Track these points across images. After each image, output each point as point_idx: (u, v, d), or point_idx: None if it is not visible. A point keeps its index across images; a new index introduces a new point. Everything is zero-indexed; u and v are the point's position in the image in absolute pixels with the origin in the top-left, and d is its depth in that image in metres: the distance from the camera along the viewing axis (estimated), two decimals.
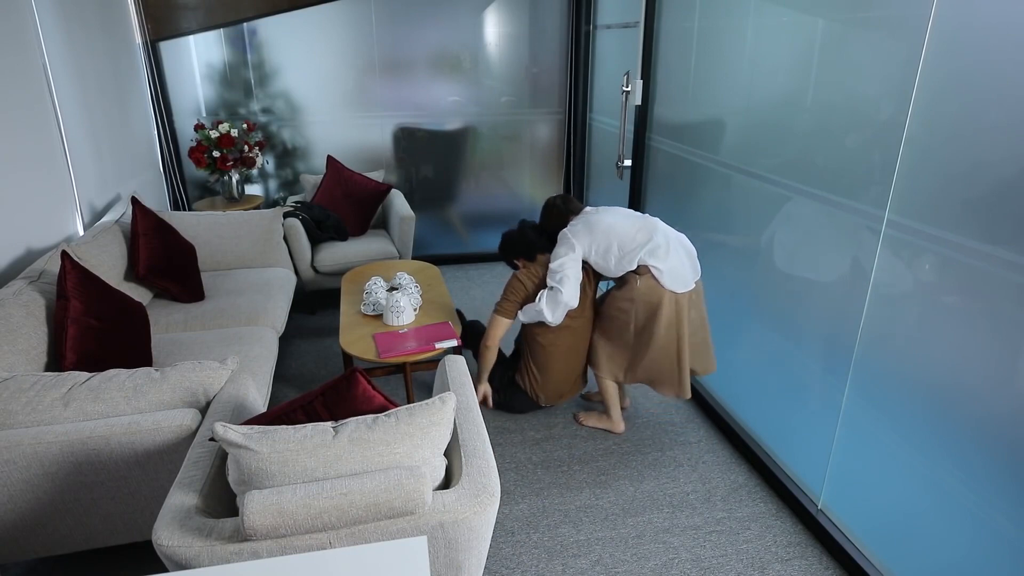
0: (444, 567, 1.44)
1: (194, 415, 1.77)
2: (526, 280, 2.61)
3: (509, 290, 2.62)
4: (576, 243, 2.50)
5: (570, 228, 2.57)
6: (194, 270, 2.99)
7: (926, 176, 1.66)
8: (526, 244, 2.67)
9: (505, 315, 2.60)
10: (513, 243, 2.69)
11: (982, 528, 1.58)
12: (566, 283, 2.47)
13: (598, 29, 4.15)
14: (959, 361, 1.61)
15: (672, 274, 2.40)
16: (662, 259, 2.41)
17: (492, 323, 2.63)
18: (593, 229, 2.51)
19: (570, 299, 2.48)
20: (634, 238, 2.46)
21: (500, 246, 2.73)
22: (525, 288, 2.61)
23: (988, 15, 1.48)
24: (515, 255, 2.69)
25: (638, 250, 2.43)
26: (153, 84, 3.93)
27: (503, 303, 2.61)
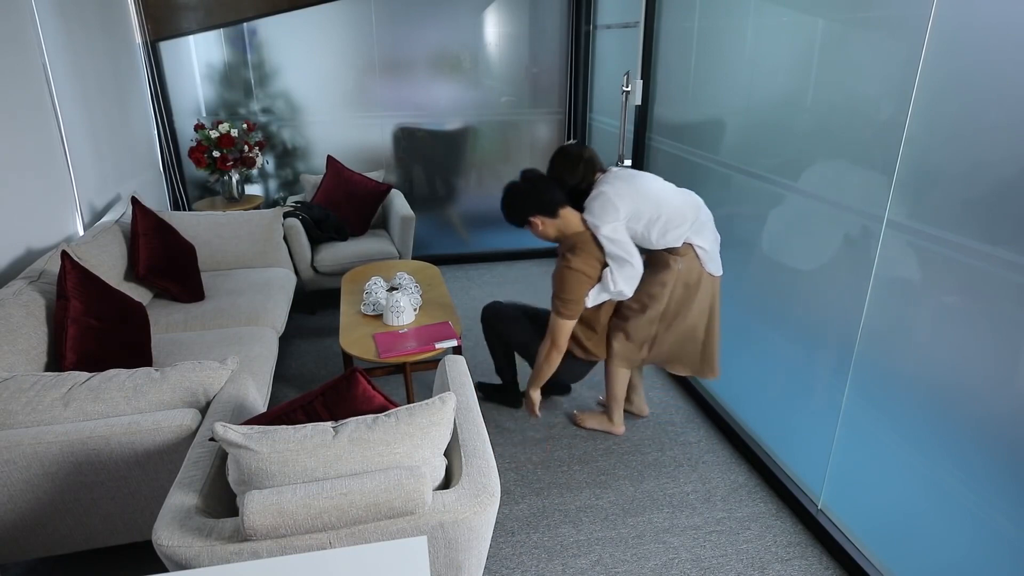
0: (444, 567, 1.44)
1: (194, 415, 1.77)
2: (587, 268, 2.22)
3: (569, 285, 2.22)
4: (620, 206, 2.20)
5: (611, 187, 2.24)
6: (194, 270, 2.99)
7: (926, 176, 1.66)
8: (546, 196, 2.26)
9: (572, 317, 2.27)
10: (527, 196, 2.28)
11: (982, 528, 1.58)
12: (632, 249, 2.20)
13: (598, 29, 4.15)
14: (959, 361, 1.61)
15: (712, 256, 2.28)
16: (707, 239, 2.26)
17: (558, 329, 2.29)
18: (640, 192, 2.22)
19: (641, 266, 2.24)
20: (683, 212, 2.24)
21: (508, 202, 2.32)
22: (590, 279, 2.24)
23: (988, 15, 1.48)
24: (531, 211, 2.28)
25: (685, 226, 2.23)
26: (153, 84, 3.93)
27: (567, 304, 2.24)
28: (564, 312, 2.25)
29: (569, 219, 2.28)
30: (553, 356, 2.35)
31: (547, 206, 2.25)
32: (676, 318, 2.36)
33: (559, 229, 2.29)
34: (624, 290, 2.24)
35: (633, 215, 2.22)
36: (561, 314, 2.25)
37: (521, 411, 2.85)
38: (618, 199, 2.21)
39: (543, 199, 2.25)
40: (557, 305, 2.26)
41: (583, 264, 2.22)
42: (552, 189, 2.27)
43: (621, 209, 2.20)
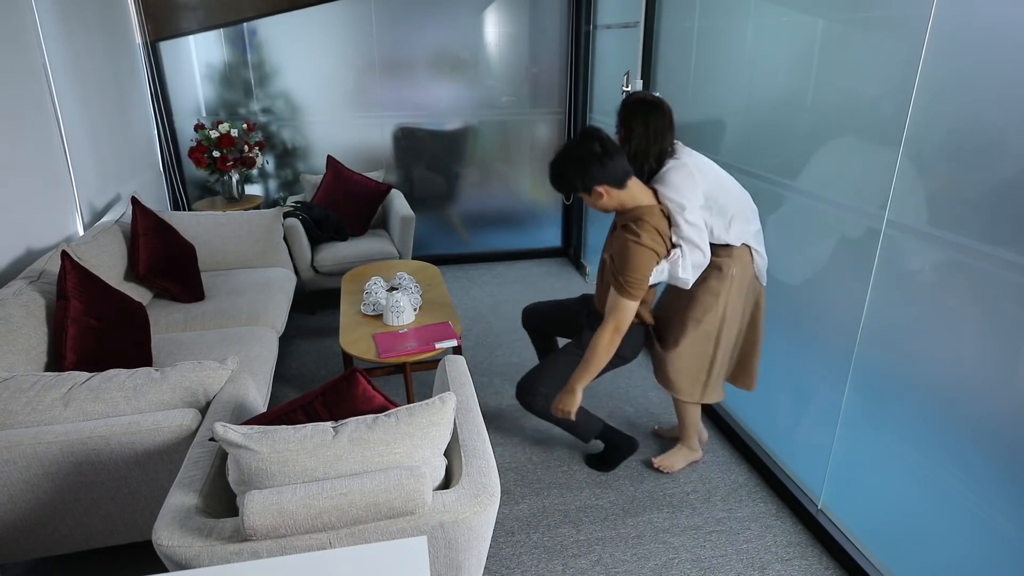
0: (444, 567, 1.44)
1: (194, 415, 1.77)
2: (655, 244, 1.99)
3: (637, 262, 1.97)
4: (700, 183, 2.01)
5: (691, 159, 2.04)
6: (194, 270, 2.99)
7: (926, 176, 1.66)
8: (619, 165, 1.97)
9: (638, 298, 2.02)
10: (599, 163, 1.96)
11: (982, 528, 1.58)
12: (705, 236, 2.02)
13: (598, 29, 4.15)
14: (959, 361, 1.61)
15: (764, 265, 2.14)
16: (762, 244, 2.09)
17: (622, 309, 2.04)
18: (706, 174, 2.04)
19: (709, 255, 2.07)
20: (746, 207, 2.08)
21: (575, 167, 1.98)
22: (657, 256, 2.01)
23: (988, 15, 1.48)
24: (599, 179, 1.97)
25: (746, 225, 2.08)
26: (153, 84, 3.93)
27: (634, 284, 1.99)
28: (631, 292, 2.00)
29: (635, 191, 2.03)
30: (616, 340, 2.08)
31: (618, 176, 1.98)
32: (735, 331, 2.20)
33: (622, 202, 2.04)
34: (689, 278, 2.04)
35: (708, 196, 2.03)
36: (628, 294, 2.00)
37: (523, 413, 2.85)
38: (700, 174, 2.01)
39: (616, 167, 1.97)
40: (621, 284, 2.01)
41: (651, 240, 1.98)
42: (622, 156, 2.00)
43: (699, 187, 2.00)
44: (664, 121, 2.04)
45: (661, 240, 2.01)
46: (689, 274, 2.03)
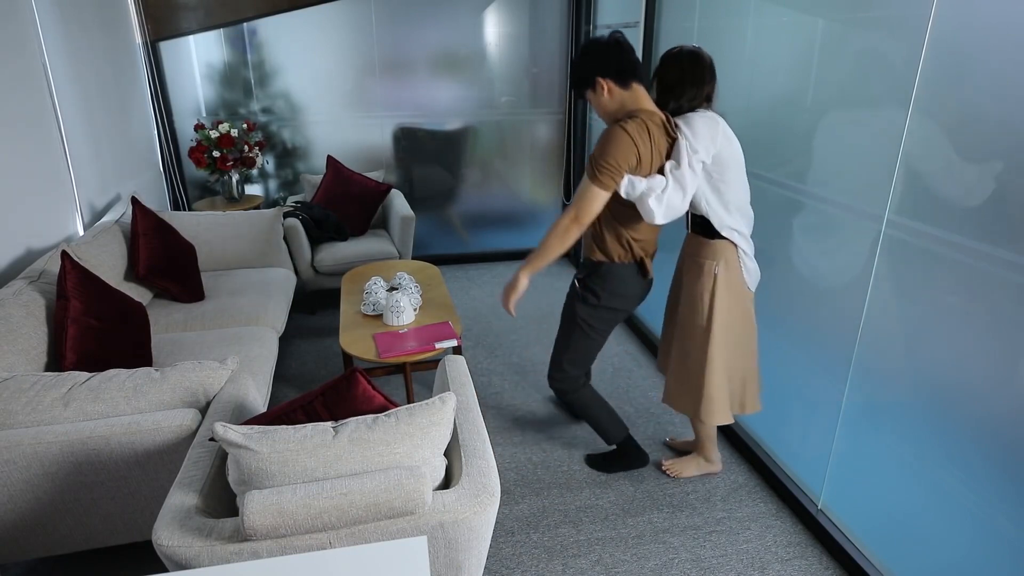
0: (444, 567, 1.44)
1: (194, 415, 1.77)
2: (639, 138, 1.86)
3: (613, 146, 1.85)
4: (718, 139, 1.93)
5: (723, 122, 1.98)
6: (194, 270, 2.99)
7: (926, 176, 1.66)
8: (627, 60, 1.90)
9: (606, 187, 1.89)
10: (607, 51, 1.90)
11: (982, 528, 1.58)
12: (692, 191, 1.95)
13: (598, 29, 4.15)
14: (959, 361, 1.61)
15: (753, 271, 2.11)
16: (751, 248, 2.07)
17: (586, 196, 1.91)
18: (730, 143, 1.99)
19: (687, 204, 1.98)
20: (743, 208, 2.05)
21: (582, 54, 1.95)
22: (636, 150, 1.86)
23: (988, 15, 1.48)
24: (602, 70, 1.91)
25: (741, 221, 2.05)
26: (153, 84, 3.93)
27: (604, 168, 1.86)
28: (600, 177, 1.87)
29: (640, 96, 1.94)
30: (573, 231, 1.96)
31: (622, 72, 1.88)
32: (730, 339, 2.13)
33: (623, 102, 1.93)
34: (655, 213, 1.91)
35: (718, 162, 1.95)
36: (597, 180, 1.88)
37: (523, 413, 2.85)
38: (724, 139, 1.94)
39: (623, 62, 1.89)
40: (593, 167, 1.88)
41: (636, 132, 1.85)
42: (633, 57, 1.91)
43: (716, 148, 1.93)
44: (703, 67, 1.98)
45: (648, 141, 1.88)
46: (658, 209, 1.92)
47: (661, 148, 1.95)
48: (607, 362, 3.29)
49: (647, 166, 1.93)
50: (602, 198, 1.92)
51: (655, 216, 1.93)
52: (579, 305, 2.23)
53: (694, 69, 1.98)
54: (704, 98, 2.02)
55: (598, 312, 2.21)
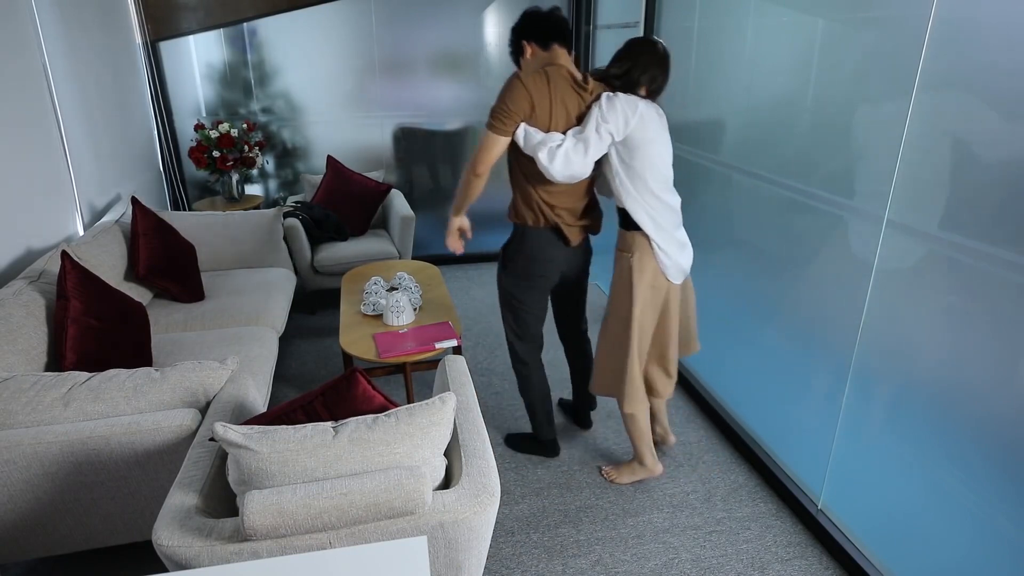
0: (444, 567, 1.44)
1: (194, 415, 1.77)
2: (535, 88, 1.96)
3: (504, 93, 1.99)
4: (633, 122, 1.98)
5: (651, 112, 2.04)
6: (194, 270, 2.99)
7: (926, 176, 1.66)
8: (552, 23, 2.05)
9: (503, 132, 1.99)
10: (525, 17, 2.11)
11: (982, 528, 1.58)
12: (593, 157, 2.00)
13: (598, 29, 4.15)
14: (959, 361, 1.61)
15: (677, 265, 2.13)
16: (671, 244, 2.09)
17: (483, 143, 2.03)
18: (646, 128, 2.02)
19: (586, 167, 2.01)
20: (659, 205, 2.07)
21: (518, 21, 2.15)
22: (531, 99, 1.96)
23: (988, 15, 1.48)
24: (525, 35, 2.10)
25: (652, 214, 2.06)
26: (153, 84, 3.93)
27: (497, 111, 1.99)
28: (493, 121, 1.99)
29: (556, 55, 2.07)
30: (472, 181, 2.08)
31: (544, 34, 2.05)
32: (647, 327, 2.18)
33: (540, 63, 2.08)
34: (547, 166, 1.97)
35: (629, 145, 2.02)
36: (491, 124, 1.99)
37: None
38: (641, 125, 1.99)
39: (544, 25, 2.05)
40: (490, 114, 2.01)
41: (533, 82, 1.95)
42: (560, 24, 2.06)
43: (628, 130, 2.00)
44: (655, 58, 2.05)
45: (546, 91, 1.96)
46: (552, 164, 1.96)
47: (567, 102, 2.02)
48: None
49: (544, 115, 1.99)
50: (498, 144, 2.00)
51: (550, 170, 1.98)
52: (500, 274, 2.30)
53: (647, 57, 2.05)
54: (641, 83, 2.06)
55: (517, 281, 2.26)
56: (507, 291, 2.31)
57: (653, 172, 2.05)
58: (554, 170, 1.98)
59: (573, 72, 2.05)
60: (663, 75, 2.07)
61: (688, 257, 2.20)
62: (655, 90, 2.09)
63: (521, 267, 2.23)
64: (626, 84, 2.07)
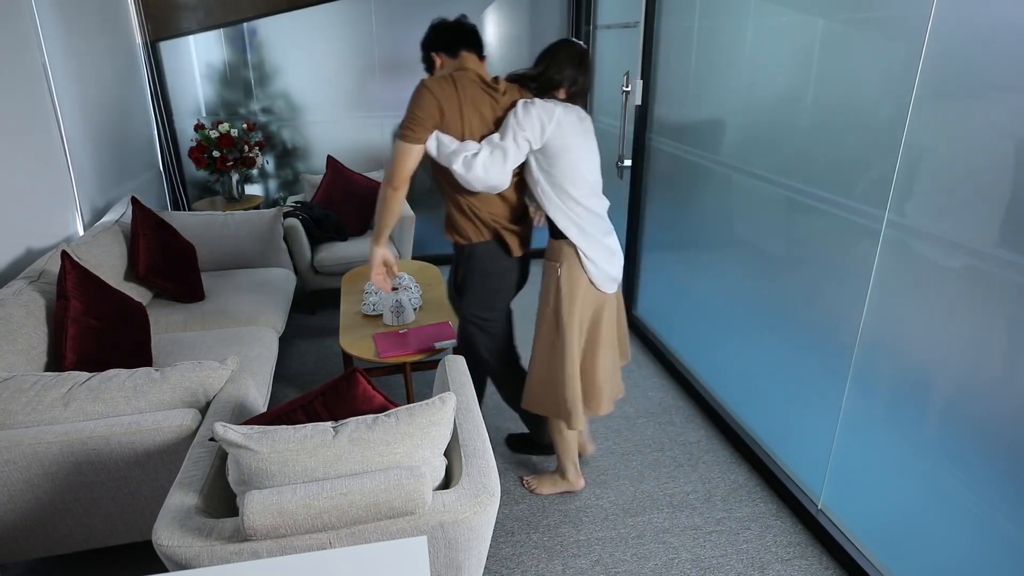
0: (444, 567, 1.44)
1: (194, 415, 1.77)
2: (443, 94, 1.90)
3: (412, 101, 1.92)
4: (548, 126, 1.93)
5: (570, 117, 1.99)
6: (194, 270, 2.99)
7: (926, 176, 1.66)
8: (458, 31, 2.02)
9: (416, 140, 1.91)
10: (433, 30, 2.07)
11: (982, 528, 1.58)
12: (510, 167, 1.94)
13: (598, 29, 4.15)
14: (959, 361, 1.61)
15: (606, 274, 2.06)
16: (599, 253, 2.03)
17: (395, 154, 1.95)
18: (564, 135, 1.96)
19: (504, 177, 1.95)
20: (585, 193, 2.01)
21: (427, 32, 2.11)
22: (435, 98, 1.89)
23: (988, 15, 1.48)
24: (434, 47, 2.06)
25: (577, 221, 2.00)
26: (153, 84, 3.93)
27: (407, 120, 1.92)
28: (403, 131, 1.91)
29: (464, 60, 2.03)
30: (390, 195, 1.98)
31: (451, 44, 2.02)
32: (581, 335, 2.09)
33: (450, 70, 2.04)
34: (462, 173, 1.91)
35: (548, 153, 1.97)
36: (402, 133, 1.91)
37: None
38: (559, 133, 1.94)
39: (451, 36, 2.03)
40: (399, 127, 1.94)
41: (439, 86, 1.89)
42: (467, 32, 2.04)
43: (544, 139, 1.95)
44: (571, 56, 2.00)
45: (454, 95, 1.90)
46: (468, 174, 1.91)
47: (479, 105, 1.95)
48: None
49: (456, 120, 1.93)
50: (411, 154, 1.92)
51: (467, 180, 1.93)
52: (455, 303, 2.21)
53: (564, 55, 2.01)
54: (560, 85, 2.01)
55: (478, 300, 2.16)
56: (471, 316, 2.19)
57: (576, 179, 1.99)
58: (472, 179, 1.93)
59: (482, 74, 2.01)
60: (583, 76, 2.02)
61: (618, 266, 2.12)
62: (577, 92, 2.04)
63: (479, 289, 2.13)
64: (544, 86, 2.02)
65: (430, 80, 1.92)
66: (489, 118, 1.98)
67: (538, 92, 2.04)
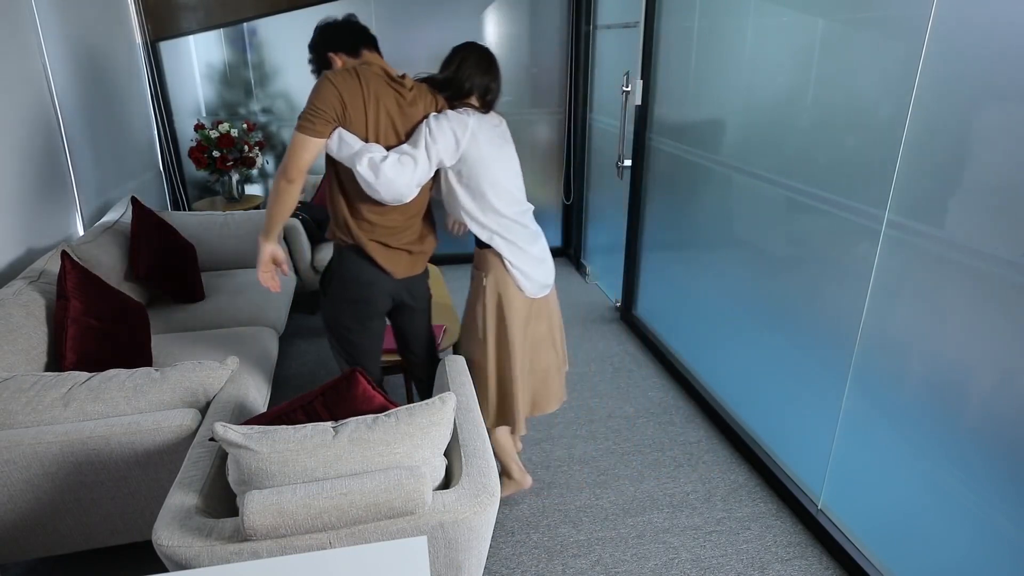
0: (444, 567, 1.44)
1: (194, 415, 1.77)
2: (347, 88, 1.78)
3: (313, 93, 1.79)
4: (462, 139, 1.88)
5: (483, 126, 1.94)
6: (194, 270, 2.99)
7: (926, 176, 1.66)
8: (358, 29, 1.98)
9: (314, 133, 1.77)
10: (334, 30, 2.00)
11: (982, 528, 1.58)
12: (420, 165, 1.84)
13: (598, 29, 4.15)
14: (959, 361, 1.61)
15: (535, 281, 2.04)
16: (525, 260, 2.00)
17: (291, 145, 1.80)
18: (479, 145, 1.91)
19: (410, 188, 1.85)
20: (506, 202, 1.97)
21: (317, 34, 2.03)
22: (336, 90, 1.77)
23: (988, 15, 1.48)
24: (331, 46, 1.97)
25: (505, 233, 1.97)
26: (153, 84, 3.93)
27: (306, 112, 1.77)
28: (301, 121, 1.77)
29: (367, 57, 1.97)
30: (283, 188, 1.84)
31: (351, 44, 1.96)
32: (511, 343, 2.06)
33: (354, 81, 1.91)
34: (366, 175, 1.78)
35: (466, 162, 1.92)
36: (299, 126, 1.77)
37: None
38: (473, 143, 1.89)
39: (349, 35, 1.97)
40: (298, 119, 1.79)
41: (341, 79, 1.78)
42: (364, 31, 1.98)
43: (461, 147, 1.89)
44: (480, 63, 1.97)
45: (358, 89, 1.80)
46: (374, 180, 1.78)
47: (385, 100, 1.85)
48: (607, 362, 3.29)
49: (359, 115, 1.81)
50: (307, 146, 1.78)
51: (374, 187, 1.79)
52: (320, 298, 2.09)
53: (469, 59, 1.99)
54: (472, 92, 1.99)
55: (336, 305, 2.02)
56: (329, 317, 2.06)
57: (495, 189, 1.95)
58: (378, 186, 1.79)
59: (387, 69, 1.90)
60: (494, 82, 2.00)
61: (548, 272, 2.10)
62: (491, 100, 2.02)
63: (337, 290, 1.99)
64: (456, 93, 1.99)
65: (332, 73, 1.80)
66: (395, 113, 1.88)
67: (451, 100, 2.00)
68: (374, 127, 1.84)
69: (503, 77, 2.09)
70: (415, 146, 1.85)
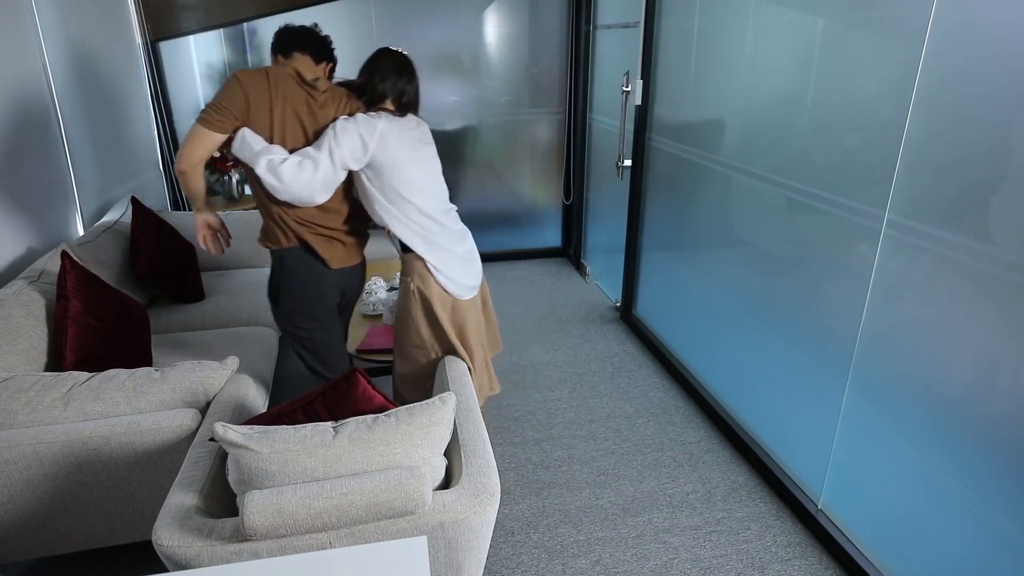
0: (444, 567, 1.45)
1: (194, 415, 1.77)
2: (250, 85, 1.81)
3: (220, 89, 1.82)
4: (370, 143, 1.87)
5: (393, 130, 1.93)
6: (194, 270, 2.99)
7: (926, 176, 1.66)
8: (294, 33, 2.02)
9: (215, 128, 1.79)
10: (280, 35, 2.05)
11: (982, 528, 1.58)
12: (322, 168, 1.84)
13: (598, 29, 4.15)
14: (959, 361, 1.61)
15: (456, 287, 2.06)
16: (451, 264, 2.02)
17: (189, 135, 1.81)
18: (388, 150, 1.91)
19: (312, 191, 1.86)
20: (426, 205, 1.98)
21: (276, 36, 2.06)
22: (242, 88, 1.79)
23: (988, 15, 1.48)
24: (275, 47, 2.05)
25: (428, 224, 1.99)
26: (153, 84, 3.93)
27: (210, 106, 1.80)
28: (203, 115, 1.79)
29: (300, 64, 1.98)
30: (178, 175, 1.89)
31: (285, 46, 2.00)
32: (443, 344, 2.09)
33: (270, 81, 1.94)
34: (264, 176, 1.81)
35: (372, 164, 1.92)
36: (200, 118, 1.79)
37: (523, 413, 2.85)
38: (382, 148, 1.89)
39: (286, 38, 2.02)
40: (201, 111, 1.81)
41: (252, 79, 1.81)
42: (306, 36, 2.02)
43: (368, 155, 1.89)
44: (391, 66, 1.98)
45: (265, 88, 1.82)
46: (274, 181, 1.81)
47: (293, 101, 1.87)
48: (607, 362, 3.29)
49: (264, 114, 1.83)
50: (204, 139, 1.79)
51: (273, 187, 1.82)
52: (274, 313, 2.13)
53: (383, 64, 1.99)
54: (387, 96, 1.99)
55: (287, 310, 2.06)
56: (287, 323, 2.10)
57: (413, 191, 1.95)
58: (277, 187, 1.82)
59: (302, 71, 1.93)
60: (409, 85, 2.00)
61: (475, 274, 2.12)
62: (408, 103, 2.02)
63: (286, 295, 2.04)
64: (372, 98, 1.99)
65: (241, 71, 1.83)
66: (304, 115, 1.90)
67: (368, 104, 2.00)
68: (280, 128, 1.87)
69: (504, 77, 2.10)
70: (318, 149, 1.86)
